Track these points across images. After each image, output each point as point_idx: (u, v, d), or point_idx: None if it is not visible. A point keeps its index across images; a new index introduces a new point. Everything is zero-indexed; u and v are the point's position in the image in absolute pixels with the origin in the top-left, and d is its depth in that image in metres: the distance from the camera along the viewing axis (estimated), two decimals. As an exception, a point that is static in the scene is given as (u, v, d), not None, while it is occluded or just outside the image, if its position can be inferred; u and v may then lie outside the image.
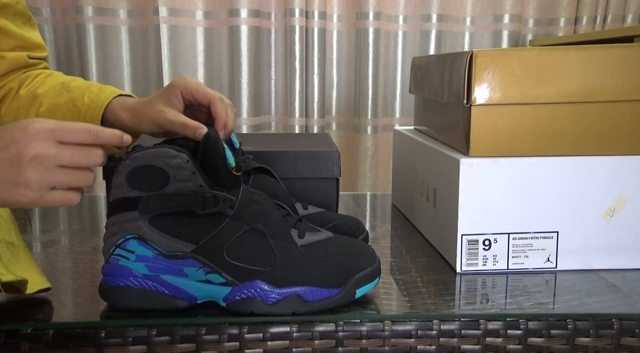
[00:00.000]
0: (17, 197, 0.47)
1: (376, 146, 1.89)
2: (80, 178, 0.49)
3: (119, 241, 0.57)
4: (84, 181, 0.50)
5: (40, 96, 0.71)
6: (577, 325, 0.58)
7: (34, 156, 0.46)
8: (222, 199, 0.56)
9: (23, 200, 0.47)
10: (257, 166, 0.74)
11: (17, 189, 0.47)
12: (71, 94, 0.71)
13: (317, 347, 0.57)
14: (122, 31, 1.76)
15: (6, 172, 0.46)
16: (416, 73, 0.94)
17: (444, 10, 1.85)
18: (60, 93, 0.71)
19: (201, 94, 0.66)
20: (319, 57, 1.80)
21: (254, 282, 0.57)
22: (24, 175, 0.46)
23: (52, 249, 0.80)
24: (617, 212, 0.70)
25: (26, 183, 0.46)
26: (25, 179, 0.46)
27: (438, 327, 0.58)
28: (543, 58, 0.68)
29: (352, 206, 1.05)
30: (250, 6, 1.75)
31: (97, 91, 0.71)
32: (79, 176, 0.49)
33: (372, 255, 0.62)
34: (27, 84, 0.74)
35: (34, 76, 0.75)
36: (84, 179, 0.50)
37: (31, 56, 0.76)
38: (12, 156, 0.46)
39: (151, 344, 0.55)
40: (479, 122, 0.70)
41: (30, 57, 0.76)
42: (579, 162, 0.70)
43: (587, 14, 1.85)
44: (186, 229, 0.57)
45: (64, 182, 0.49)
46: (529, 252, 0.71)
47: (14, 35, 0.74)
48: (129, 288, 0.58)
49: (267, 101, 1.86)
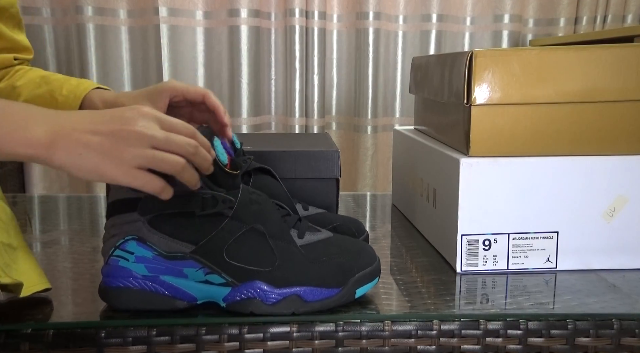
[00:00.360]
0: (108, 169, 0.48)
1: (376, 146, 1.89)
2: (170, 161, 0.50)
3: (119, 242, 0.57)
4: (173, 166, 0.50)
5: (19, 88, 0.73)
6: (577, 325, 0.58)
7: (136, 132, 0.48)
8: (221, 199, 0.56)
9: (109, 173, 0.48)
10: (258, 167, 0.74)
11: (111, 160, 0.48)
12: (50, 86, 0.72)
13: (317, 347, 0.57)
14: (122, 31, 1.76)
15: (107, 143, 0.48)
16: (416, 73, 0.94)
17: (444, 10, 1.85)
18: (39, 85, 0.73)
19: (193, 92, 0.68)
20: (319, 57, 1.80)
21: (253, 282, 0.56)
22: (121, 150, 0.48)
23: (52, 249, 0.80)
24: (617, 212, 0.70)
25: (120, 159, 0.48)
26: (121, 155, 0.48)
27: (438, 327, 0.58)
28: (543, 58, 0.68)
29: (352, 206, 1.05)
30: (250, 6, 1.75)
31: (75, 83, 0.72)
32: (169, 159, 0.50)
33: (371, 254, 0.62)
34: (7, 78, 0.76)
35: (15, 71, 0.77)
36: (173, 163, 0.50)
37: (17, 58, 0.77)
38: (115, 128, 0.48)
39: (151, 344, 0.55)
40: (479, 122, 0.70)
41: (15, 59, 0.77)
42: (579, 162, 0.70)
43: (587, 14, 1.85)
44: (185, 230, 0.57)
45: (155, 161, 0.49)
46: (529, 252, 0.71)
47: (4, 37, 0.75)
48: (129, 289, 0.57)
49: (267, 101, 1.86)
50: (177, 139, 0.50)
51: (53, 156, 0.48)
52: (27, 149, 0.47)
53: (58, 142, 0.48)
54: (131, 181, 0.49)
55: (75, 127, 0.49)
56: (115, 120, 0.49)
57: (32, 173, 1.78)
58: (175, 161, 0.50)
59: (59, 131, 0.48)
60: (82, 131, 0.48)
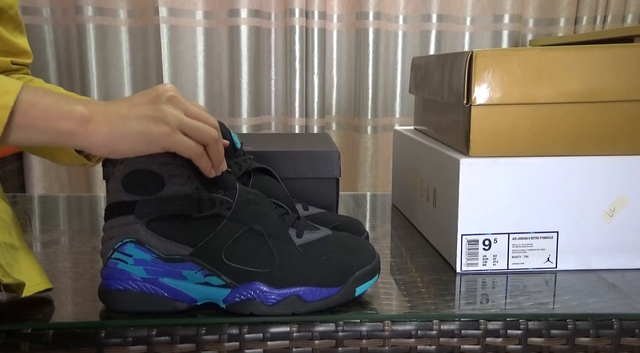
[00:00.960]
0: (155, 129, 0.50)
1: (376, 146, 1.89)
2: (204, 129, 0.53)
3: (117, 244, 0.57)
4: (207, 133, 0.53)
5: None
6: (577, 325, 0.58)
7: (171, 97, 0.52)
8: (218, 201, 0.56)
9: (159, 131, 0.50)
10: (258, 167, 0.74)
11: (155, 122, 0.50)
12: None
13: (317, 347, 0.57)
14: (122, 31, 1.76)
15: (147, 109, 0.51)
16: (416, 73, 0.94)
17: (444, 10, 1.85)
18: None
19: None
20: (319, 57, 1.80)
21: (253, 284, 0.56)
22: (162, 110, 0.51)
23: (52, 249, 0.80)
24: (617, 212, 0.70)
25: (163, 116, 0.50)
26: (163, 113, 0.50)
27: (438, 327, 0.58)
28: (543, 58, 0.68)
29: (352, 206, 1.05)
30: (250, 6, 1.75)
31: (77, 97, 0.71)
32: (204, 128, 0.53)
33: (371, 252, 0.62)
34: None
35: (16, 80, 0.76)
36: (207, 131, 0.53)
37: (15, 62, 0.76)
38: (152, 97, 0.52)
39: (151, 344, 0.55)
40: (479, 122, 0.70)
41: (13, 63, 0.76)
42: (579, 162, 0.70)
43: (587, 14, 1.85)
44: (183, 232, 0.57)
45: (191, 125, 0.52)
46: (529, 252, 0.71)
47: (2, 40, 0.74)
48: (128, 291, 0.57)
49: (267, 101, 1.86)
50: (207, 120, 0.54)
51: (94, 131, 0.48)
52: (68, 122, 0.47)
53: (99, 116, 0.49)
54: (177, 143, 0.51)
55: (112, 106, 0.51)
56: (150, 92, 0.52)
57: (32, 173, 1.78)
58: (207, 135, 0.53)
59: (98, 109, 0.49)
60: (121, 107, 0.51)
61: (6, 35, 0.74)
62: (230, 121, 1.81)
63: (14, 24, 0.76)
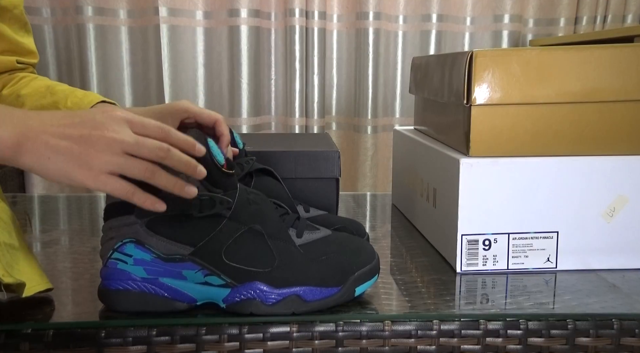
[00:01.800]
0: (77, 172, 0.48)
1: (376, 146, 1.89)
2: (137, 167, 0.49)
3: (117, 245, 0.57)
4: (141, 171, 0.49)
5: (23, 97, 0.72)
6: (577, 325, 0.58)
7: (105, 137, 0.48)
8: (219, 201, 0.56)
9: (81, 175, 0.48)
10: (260, 168, 0.74)
11: (79, 164, 0.47)
12: (55, 97, 0.71)
13: (317, 347, 0.57)
14: (122, 31, 1.76)
15: (75, 147, 0.47)
16: (416, 73, 0.94)
17: (444, 10, 1.85)
18: (44, 95, 0.71)
19: (206, 117, 0.70)
20: (319, 57, 1.80)
21: (253, 283, 0.56)
22: (88, 154, 0.47)
23: (52, 249, 0.80)
24: (617, 212, 0.70)
25: (88, 161, 0.47)
26: (88, 157, 0.47)
27: (438, 327, 0.58)
28: (543, 58, 0.68)
29: (352, 206, 1.05)
30: (250, 6, 1.75)
31: (81, 95, 0.72)
32: (137, 166, 0.49)
33: (370, 252, 0.62)
34: (12, 85, 0.74)
35: (19, 78, 0.76)
36: (141, 169, 0.49)
37: (20, 61, 0.76)
38: (85, 132, 0.48)
39: (151, 344, 0.55)
40: (479, 122, 0.70)
41: (18, 62, 0.76)
42: (579, 162, 0.70)
43: (587, 14, 1.85)
44: (183, 232, 0.57)
45: (124, 167, 0.48)
46: (529, 252, 0.71)
47: (7, 39, 0.74)
48: (128, 291, 0.57)
49: (267, 101, 1.86)
50: (148, 143, 0.49)
51: (20, 158, 0.47)
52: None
53: (25, 144, 0.47)
54: (100, 187, 0.48)
55: (45, 130, 0.48)
56: (85, 123, 0.48)
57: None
58: (144, 167, 0.49)
59: (27, 133, 0.47)
60: (51, 134, 0.48)
61: (11, 34, 0.74)
62: (230, 121, 1.81)
63: (19, 23, 0.76)
